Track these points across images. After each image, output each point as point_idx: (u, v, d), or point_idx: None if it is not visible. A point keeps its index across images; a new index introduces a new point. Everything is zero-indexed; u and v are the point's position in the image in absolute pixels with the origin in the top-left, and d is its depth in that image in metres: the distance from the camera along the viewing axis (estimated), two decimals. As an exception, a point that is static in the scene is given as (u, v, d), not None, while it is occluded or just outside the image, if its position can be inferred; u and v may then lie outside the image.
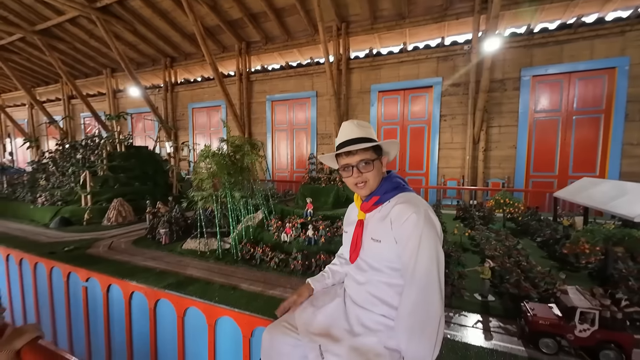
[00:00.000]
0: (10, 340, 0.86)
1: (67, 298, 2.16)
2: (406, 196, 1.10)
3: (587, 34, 5.08)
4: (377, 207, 1.14)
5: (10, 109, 12.79)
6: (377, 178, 1.15)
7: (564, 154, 5.55)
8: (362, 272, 1.15)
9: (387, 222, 1.06)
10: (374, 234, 1.11)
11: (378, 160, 1.15)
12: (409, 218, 1.00)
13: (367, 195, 1.16)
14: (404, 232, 1.01)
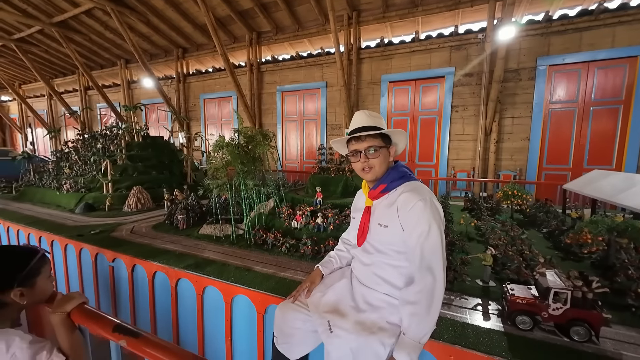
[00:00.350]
0: (61, 304, 1.00)
1: (95, 276, 2.35)
2: (412, 185, 1.15)
3: (609, 21, 4.89)
4: (384, 194, 1.20)
5: (30, 99, 13.25)
6: (383, 165, 1.20)
7: (579, 146, 5.43)
8: (369, 254, 1.23)
9: (393, 209, 1.13)
10: (381, 219, 1.18)
11: (385, 149, 1.20)
12: (415, 205, 1.06)
13: (373, 180, 1.24)
14: (411, 219, 1.07)
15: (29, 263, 0.99)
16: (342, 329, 1.13)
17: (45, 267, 1.04)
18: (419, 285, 1.04)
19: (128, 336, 0.86)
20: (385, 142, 1.21)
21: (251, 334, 1.69)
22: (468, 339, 1.26)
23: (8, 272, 0.95)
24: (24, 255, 1.00)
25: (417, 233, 1.06)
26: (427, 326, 1.01)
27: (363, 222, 1.25)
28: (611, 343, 1.24)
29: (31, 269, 0.98)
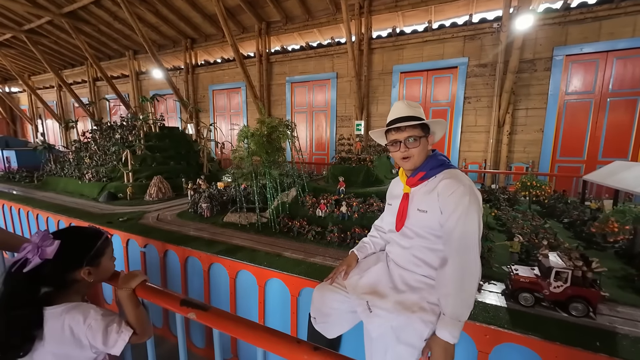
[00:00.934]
0: (127, 280, 1.07)
1: (126, 261, 2.44)
2: (452, 172, 1.18)
3: (631, 9, 4.78)
4: (423, 182, 1.23)
5: (40, 90, 13.36)
6: (422, 154, 1.24)
7: (594, 138, 5.38)
8: (408, 238, 1.27)
9: (433, 194, 1.16)
10: (420, 205, 1.21)
11: (424, 138, 1.23)
12: (456, 191, 1.09)
13: (411, 169, 1.27)
14: (450, 203, 1.10)
15: (96, 244, 1.05)
16: (382, 308, 1.18)
17: (108, 248, 1.11)
18: (454, 266, 1.07)
19: (197, 309, 0.92)
20: (425, 132, 1.23)
21: (285, 315, 1.76)
22: (502, 320, 1.31)
23: (78, 252, 1.01)
24: (91, 237, 1.07)
25: (455, 216, 1.08)
26: (464, 305, 1.05)
27: (402, 208, 1.28)
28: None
29: (97, 250, 1.05)
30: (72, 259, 0.99)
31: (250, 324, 0.85)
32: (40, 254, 0.91)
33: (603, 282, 1.63)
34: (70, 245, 0.99)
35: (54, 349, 0.91)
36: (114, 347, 0.95)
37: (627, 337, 1.19)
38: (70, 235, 1.03)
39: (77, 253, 1.01)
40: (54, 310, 0.93)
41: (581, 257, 1.45)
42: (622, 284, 1.60)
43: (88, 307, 0.97)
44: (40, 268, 0.92)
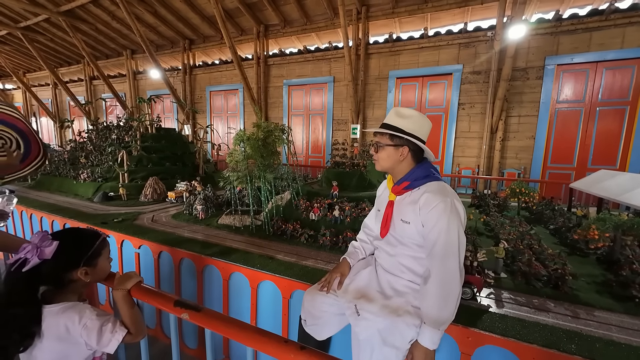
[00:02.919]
0: (122, 281, 1.10)
1: (120, 262, 2.46)
2: (435, 185, 1.20)
3: (620, 21, 4.92)
4: (407, 191, 1.25)
5: (35, 88, 13.25)
6: (387, 161, 1.28)
7: (584, 146, 5.51)
8: (392, 246, 1.33)
9: (416, 207, 1.18)
10: (403, 215, 1.24)
11: (392, 148, 1.26)
12: (437, 206, 1.11)
13: (381, 171, 1.36)
14: (431, 218, 1.12)
15: (93, 245, 1.08)
16: (370, 312, 1.23)
17: (105, 249, 1.14)
18: (436, 279, 1.11)
19: (190, 310, 0.96)
20: (394, 142, 1.25)
21: (276, 317, 1.80)
22: (484, 323, 1.37)
23: (76, 253, 1.05)
24: (89, 238, 1.10)
25: (436, 231, 1.11)
26: (445, 315, 1.09)
27: (386, 215, 1.32)
28: (616, 329, 1.34)
29: (95, 251, 1.08)
30: (69, 259, 1.02)
31: (240, 324, 0.89)
32: (39, 254, 0.94)
33: (583, 287, 1.70)
34: (68, 246, 1.03)
35: (51, 345, 0.95)
36: (108, 346, 0.99)
37: (600, 340, 1.26)
38: (68, 236, 1.06)
39: (74, 254, 1.04)
40: (51, 308, 0.97)
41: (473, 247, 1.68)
42: (600, 289, 1.67)
43: (84, 307, 1.01)
44: (39, 268, 0.95)
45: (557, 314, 1.45)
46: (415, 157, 1.27)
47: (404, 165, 1.27)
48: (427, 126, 1.28)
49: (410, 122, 1.25)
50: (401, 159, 1.25)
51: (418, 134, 1.23)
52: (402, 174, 1.27)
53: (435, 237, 1.12)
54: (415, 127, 1.24)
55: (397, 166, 1.27)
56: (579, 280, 1.73)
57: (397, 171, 1.28)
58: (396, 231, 1.29)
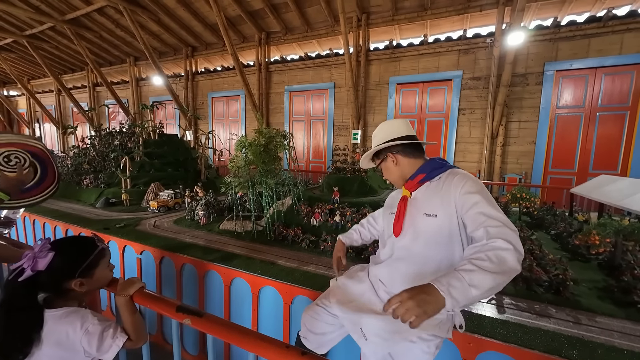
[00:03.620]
0: (125, 287, 1.11)
1: (122, 267, 2.47)
2: (457, 170, 1.16)
3: (618, 28, 4.97)
4: (423, 184, 1.18)
5: (39, 94, 13.40)
6: (391, 174, 1.29)
7: (584, 151, 5.52)
8: (405, 248, 1.19)
9: (443, 194, 1.10)
10: (427, 208, 1.13)
11: (383, 163, 1.29)
12: (466, 183, 1.06)
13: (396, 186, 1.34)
14: (466, 196, 1.04)
15: (89, 256, 1.09)
16: (378, 336, 1.12)
17: (103, 259, 1.13)
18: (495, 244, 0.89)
19: (192, 315, 0.97)
20: (381, 157, 1.29)
21: (277, 322, 1.80)
22: (485, 328, 1.37)
23: (70, 264, 1.04)
24: (85, 249, 1.10)
25: (474, 203, 1.01)
26: (487, 282, 0.82)
27: (400, 210, 1.21)
28: (618, 335, 1.34)
29: (90, 262, 1.08)
30: (64, 271, 1.02)
31: (242, 329, 0.90)
32: (32, 266, 0.95)
33: (584, 292, 1.69)
34: (63, 258, 1.02)
35: (50, 351, 0.94)
36: (108, 352, 0.99)
37: (602, 346, 1.25)
38: (65, 247, 1.07)
39: (69, 265, 1.03)
40: (53, 313, 0.97)
41: None
42: (602, 295, 1.67)
43: (86, 312, 1.01)
44: (36, 276, 0.97)
45: (559, 320, 1.45)
46: (411, 153, 1.24)
47: (406, 166, 1.24)
48: (396, 124, 1.27)
49: (378, 136, 1.30)
50: (396, 164, 1.25)
51: (390, 136, 1.25)
52: (409, 174, 1.23)
53: (476, 210, 1.00)
54: (383, 134, 1.27)
55: (400, 172, 1.27)
56: (580, 285, 1.73)
57: (405, 173, 1.26)
58: (419, 229, 1.16)
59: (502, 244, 0.88)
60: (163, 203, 3.43)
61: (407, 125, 1.28)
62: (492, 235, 0.91)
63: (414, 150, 1.24)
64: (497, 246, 0.88)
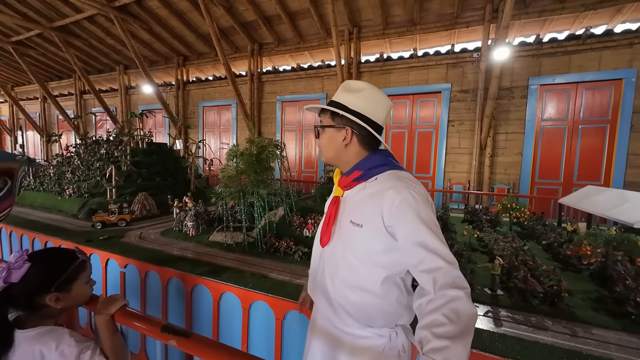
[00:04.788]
0: (106, 306, 1.03)
1: (104, 282, 2.34)
2: (397, 174, 0.92)
3: (596, 46, 5.21)
4: (358, 183, 0.97)
5: (23, 102, 13.05)
6: (330, 147, 1.00)
7: (569, 162, 5.68)
8: (333, 264, 0.98)
9: (373, 202, 0.88)
10: (354, 215, 0.93)
11: (333, 129, 0.98)
12: (404, 198, 0.83)
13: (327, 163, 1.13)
14: (402, 212, 0.83)
15: (67, 269, 1.01)
16: None
17: (83, 273, 1.06)
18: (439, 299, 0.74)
19: (179, 336, 0.90)
20: (337, 122, 0.98)
21: (269, 339, 1.72)
22: (484, 343, 1.33)
23: (47, 277, 0.97)
24: (64, 261, 1.03)
25: (412, 230, 0.82)
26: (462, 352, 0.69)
27: (329, 215, 1.01)
28: (615, 348, 1.32)
29: (68, 275, 1.01)
30: (39, 284, 0.95)
31: (232, 351, 0.84)
32: (5, 278, 0.88)
33: (579, 304, 1.69)
34: (39, 270, 0.96)
35: None
36: None
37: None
38: (42, 258, 1.00)
39: (45, 278, 0.96)
40: (26, 333, 0.90)
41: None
42: (596, 306, 1.67)
43: (62, 332, 0.93)
44: (8, 290, 0.89)
45: (556, 333, 1.43)
46: (367, 144, 0.98)
47: (352, 154, 0.98)
48: (382, 105, 0.97)
49: (357, 98, 0.96)
50: (345, 144, 0.97)
51: (367, 113, 0.95)
52: (350, 164, 0.99)
53: (412, 239, 0.82)
54: (364, 105, 0.95)
55: (343, 154, 0.99)
56: (574, 297, 1.73)
57: (344, 161, 1.01)
58: (344, 236, 0.95)
59: (454, 293, 0.73)
60: (100, 219, 2.99)
61: (388, 114, 1.02)
62: (440, 286, 0.75)
63: (371, 141, 0.98)
64: (450, 298, 0.73)
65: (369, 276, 0.91)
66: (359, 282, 0.92)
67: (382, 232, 0.87)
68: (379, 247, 0.89)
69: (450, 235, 2.69)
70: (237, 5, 6.72)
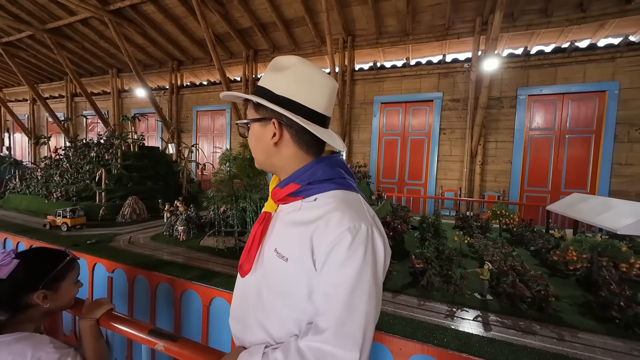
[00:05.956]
0: (91, 310, 1.02)
1: (91, 287, 2.28)
2: (346, 197, 0.71)
3: (580, 59, 5.41)
4: (292, 200, 0.76)
5: (11, 103, 12.80)
6: (258, 149, 0.79)
7: (556, 170, 5.83)
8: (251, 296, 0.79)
9: (307, 233, 0.68)
10: (280, 243, 0.74)
11: (260, 124, 0.76)
12: (341, 236, 0.64)
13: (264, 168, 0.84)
14: (331, 257, 0.65)
15: (57, 266, 1.00)
16: None
17: (72, 272, 1.05)
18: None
19: (166, 340, 0.88)
20: (261, 113, 0.76)
21: (259, 346, 1.70)
22: (473, 347, 1.34)
23: (36, 273, 0.96)
24: (53, 258, 1.02)
25: (337, 282, 0.64)
26: None
27: (253, 236, 0.80)
28: (600, 351, 1.35)
29: (58, 272, 1.00)
30: (27, 280, 0.93)
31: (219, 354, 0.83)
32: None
33: (565, 308, 1.72)
34: (28, 266, 0.94)
35: None
36: None
37: (587, 364, 1.26)
38: (30, 256, 0.98)
39: (33, 274, 0.95)
40: (2, 339, 0.86)
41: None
42: (582, 311, 1.70)
43: (41, 338, 0.91)
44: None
45: (544, 337, 1.45)
46: (306, 142, 0.75)
47: (286, 156, 0.76)
48: (319, 84, 0.73)
49: (284, 79, 0.73)
50: (274, 142, 0.75)
51: (299, 98, 0.72)
52: (287, 171, 0.78)
53: (330, 290, 0.64)
54: (295, 87, 0.72)
55: (275, 157, 0.77)
56: (561, 301, 1.76)
57: (279, 167, 0.79)
58: (265, 267, 0.76)
59: None
60: (52, 222, 2.90)
61: (331, 97, 0.77)
62: (304, 350, 0.62)
63: (312, 139, 0.75)
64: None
65: (283, 320, 0.72)
66: (270, 325, 0.74)
67: (311, 273, 0.68)
68: (303, 290, 0.69)
69: (441, 241, 2.72)
70: (233, 12, 6.79)
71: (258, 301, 0.76)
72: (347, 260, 0.63)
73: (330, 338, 0.61)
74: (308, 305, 0.69)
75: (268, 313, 0.74)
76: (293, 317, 0.71)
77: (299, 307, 0.70)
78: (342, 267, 0.63)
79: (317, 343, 0.62)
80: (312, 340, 0.63)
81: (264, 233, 0.80)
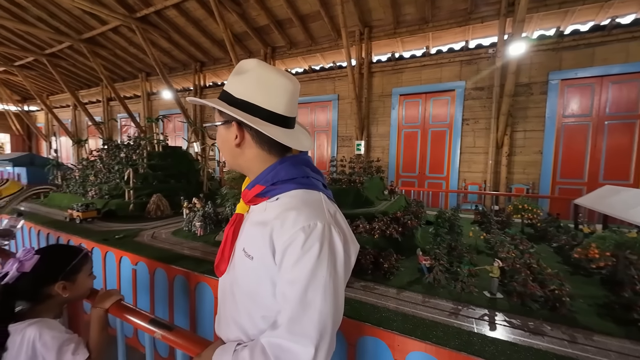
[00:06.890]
0: (102, 300, 1.13)
1: (118, 278, 2.50)
2: (306, 196, 0.73)
3: (622, 36, 4.90)
4: (260, 201, 0.79)
5: (56, 109, 14.02)
6: (225, 150, 0.83)
7: (594, 160, 5.36)
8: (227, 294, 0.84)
9: (268, 233, 0.71)
10: (247, 243, 0.77)
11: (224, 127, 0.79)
12: (295, 235, 0.66)
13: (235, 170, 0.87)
14: (286, 255, 0.67)
15: (73, 260, 1.12)
16: None
17: (86, 265, 1.17)
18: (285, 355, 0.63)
19: (163, 329, 0.97)
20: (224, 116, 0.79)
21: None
22: (473, 346, 1.31)
23: (55, 267, 1.08)
24: (69, 253, 1.14)
25: (293, 279, 0.66)
26: None
27: (225, 238, 0.85)
28: (615, 355, 1.26)
29: (74, 266, 1.11)
30: (48, 273, 1.05)
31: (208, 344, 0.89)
32: (18, 268, 0.98)
33: (582, 309, 1.61)
34: (48, 260, 1.06)
35: None
36: None
37: (596, 368, 1.18)
38: (49, 251, 1.11)
39: (53, 268, 1.07)
40: (18, 325, 0.97)
41: None
42: (601, 312, 1.58)
43: (50, 323, 1.00)
44: (17, 283, 0.99)
45: (553, 338, 1.38)
46: (267, 143, 0.78)
47: (250, 158, 0.80)
48: (276, 87, 0.75)
49: (244, 83, 0.76)
50: (236, 144, 0.78)
51: (257, 100, 0.74)
52: (253, 172, 0.81)
53: (286, 288, 0.67)
54: (254, 90, 0.75)
55: (240, 159, 0.81)
56: (578, 301, 1.65)
57: (245, 168, 0.83)
58: (235, 266, 0.80)
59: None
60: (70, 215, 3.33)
61: (292, 98, 0.77)
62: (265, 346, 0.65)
63: (272, 140, 0.76)
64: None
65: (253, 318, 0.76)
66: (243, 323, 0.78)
67: (273, 271, 0.70)
68: (268, 288, 0.72)
69: (455, 237, 2.63)
70: (250, 11, 6.89)
71: (232, 300, 0.81)
72: (301, 259, 0.65)
73: (285, 333, 0.64)
74: (274, 302, 0.72)
75: (240, 311, 0.78)
76: (261, 314, 0.74)
77: (265, 305, 0.73)
78: (295, 265, 0.65)
79: (275, 338, 0.65)
80: (270, 335, 0.66)
81: (236, 234, 0.84)
